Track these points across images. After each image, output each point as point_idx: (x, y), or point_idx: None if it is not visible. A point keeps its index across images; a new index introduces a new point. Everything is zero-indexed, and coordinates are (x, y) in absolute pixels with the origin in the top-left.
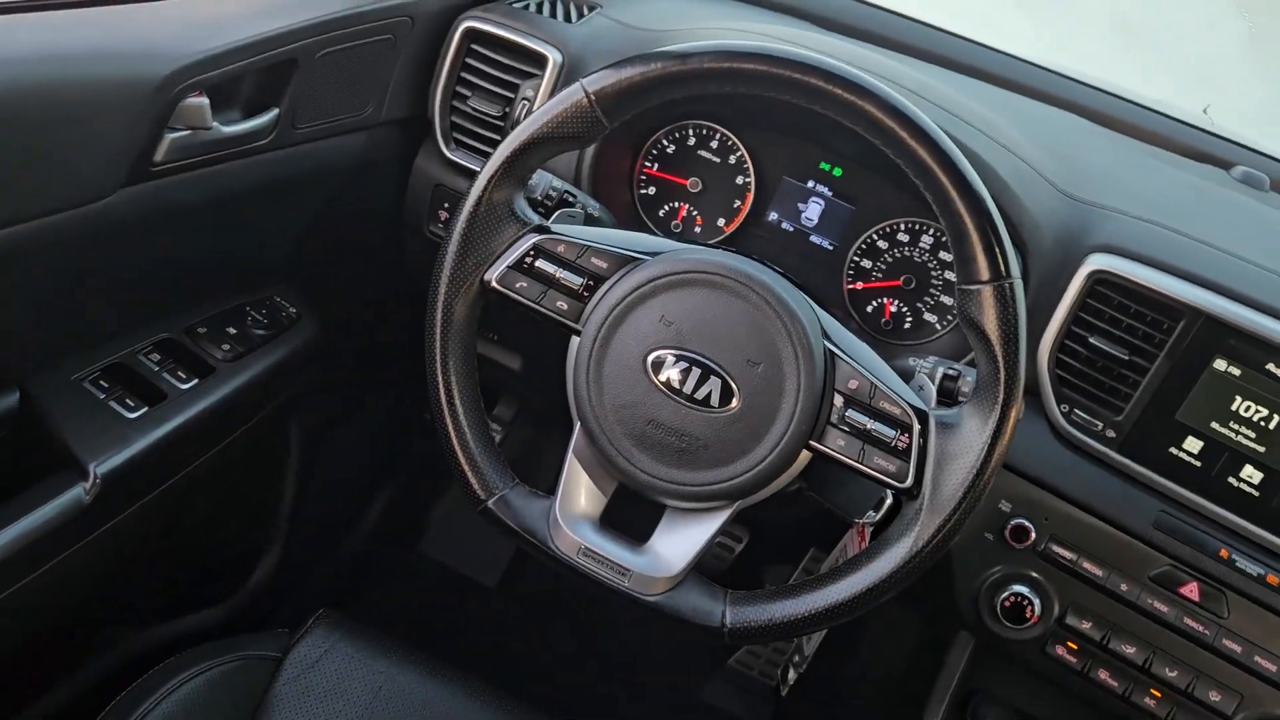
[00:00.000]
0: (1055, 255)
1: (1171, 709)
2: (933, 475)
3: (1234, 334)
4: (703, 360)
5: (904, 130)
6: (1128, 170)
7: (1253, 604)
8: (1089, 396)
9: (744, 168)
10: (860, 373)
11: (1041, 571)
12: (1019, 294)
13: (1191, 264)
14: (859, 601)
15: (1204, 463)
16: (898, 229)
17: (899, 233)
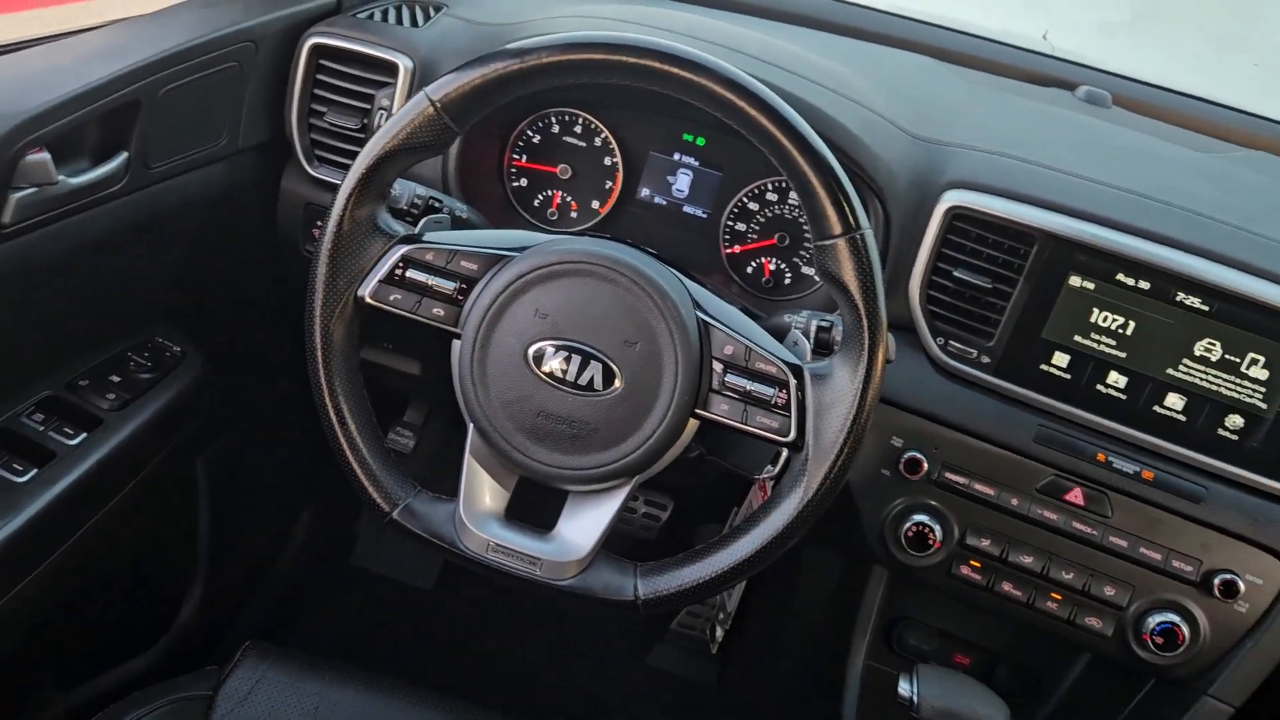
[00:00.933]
0: (913, 197)
1: (1072, 609)
2: (814, 426)
3: (1083, 251)
4: (581, 347)
5: (741, 100)
6: (975, 105)
7: (1132, 500)
8: (961, 327)
9: (610, 149)
10: (735, 338)
11: (938, 499)
12: (870, 244)
13: (1038, 189)
14: (762, 555)
15: (1073, 374)
16: (766, 189)
17: (768, 193)
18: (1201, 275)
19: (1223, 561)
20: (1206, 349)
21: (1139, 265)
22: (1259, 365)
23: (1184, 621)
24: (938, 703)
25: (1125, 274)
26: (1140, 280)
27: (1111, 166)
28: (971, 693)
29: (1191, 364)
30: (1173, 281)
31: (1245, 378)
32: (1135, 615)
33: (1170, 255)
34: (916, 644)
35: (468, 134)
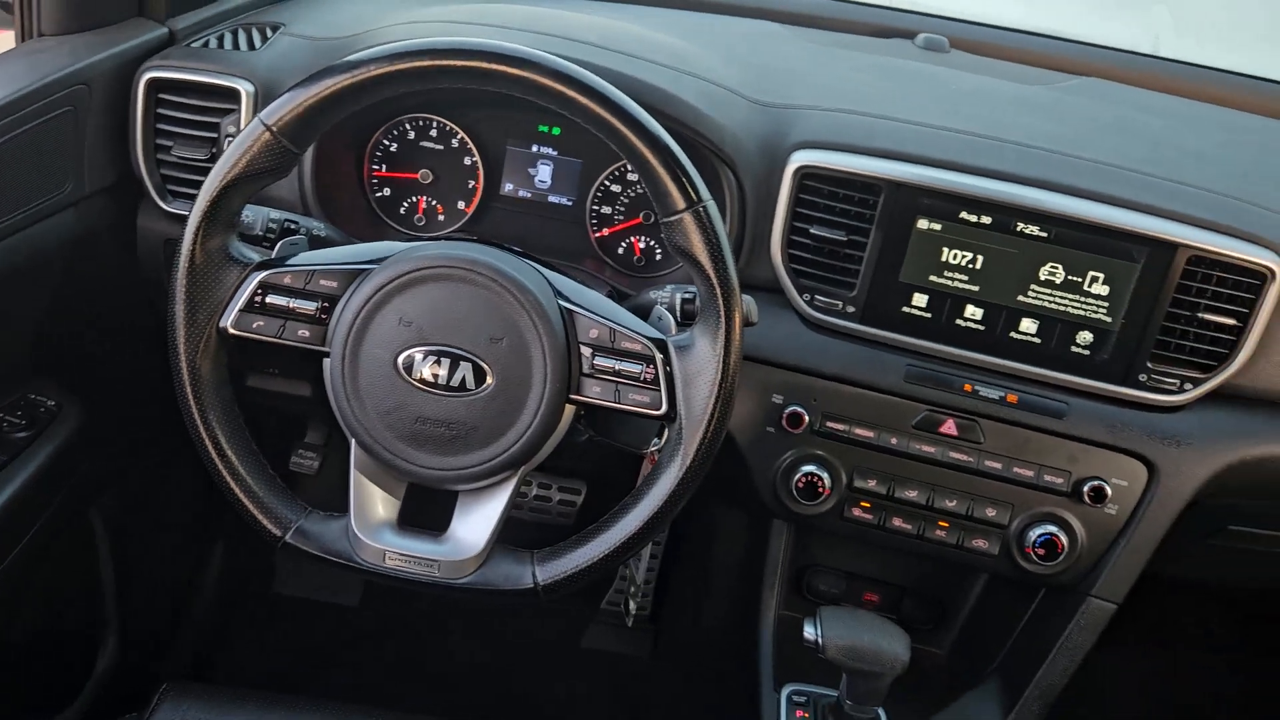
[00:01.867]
0: (763, 162)
1: (959, 534)
2: (684, 396)
3: (926, 195)
4: (449, 349)
5: (570, 90)
6: (817, 66)
7: (1001, 424)
8: (824, 281)
9: (468, 149)
10: (598, 321)
11: (823, 448)
12: (714, 214)
13: (880, 141)
14: (651, 525)
15: (932, 313)
16: (626, 170)
17: (628, 173)
18: (1037, 205)
19: (1090, 470)
20: (1051, 273)
21: (979, 202)
22: (1099, 283)
23: (1061, 531)
24: (841, 641)
25: (968, 212)
26: (982, 216)
27: (948, 110)
28: (873, 626)
29: (1039, 289)
30: (1012, 214)
31: (1089, 296)
32: (1017, 532)
33: (1007, 189)
34: (826, 589)
35: (323, 150)
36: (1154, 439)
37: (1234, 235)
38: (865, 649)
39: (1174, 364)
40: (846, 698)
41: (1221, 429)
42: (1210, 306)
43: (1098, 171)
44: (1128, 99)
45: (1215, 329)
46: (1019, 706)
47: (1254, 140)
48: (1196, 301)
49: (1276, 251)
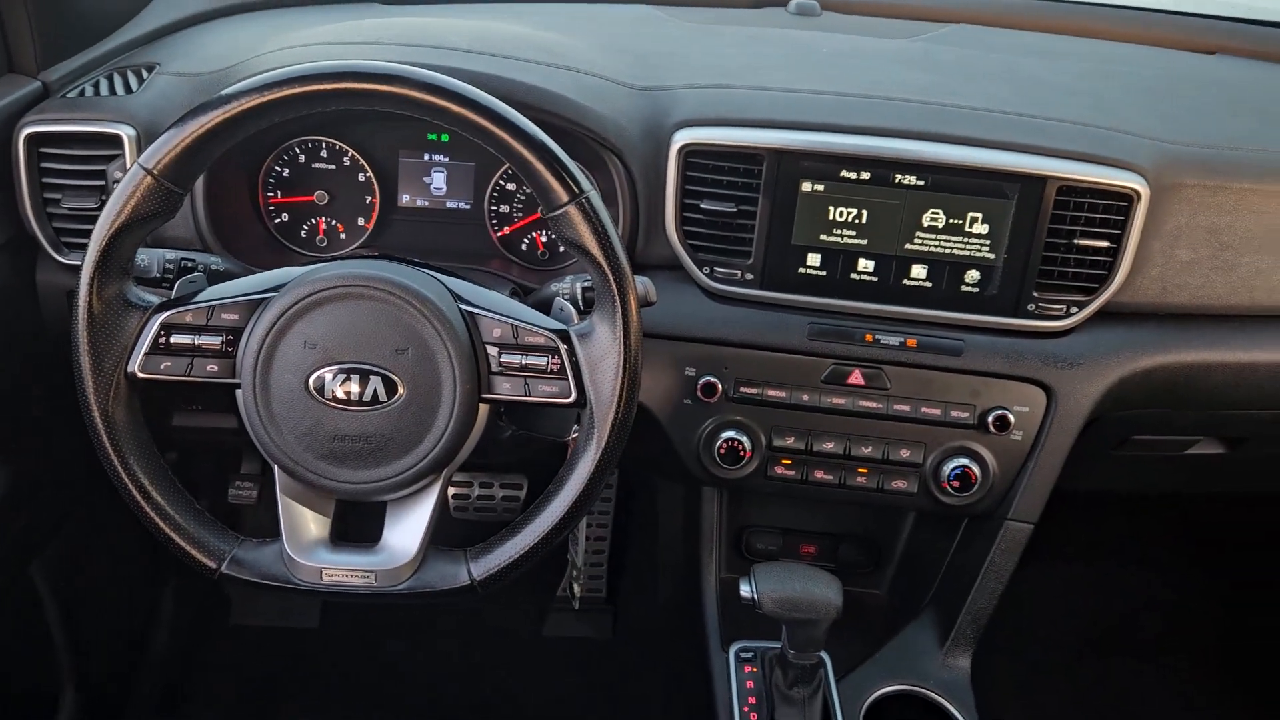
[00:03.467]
0: (648, 145)
1: (879, 478)
2: (591, 381)
3: (806, 158)
4: (357, 366)
5: (441, 100)
6: (693, 44)
7: (904, 368)
8: (721, 253)
9: (360, 165)
10: (500, 320)
11: (739, 413)
12: (597, 204)
13: (757, 111)
14: (576, 509)
15: (827, 270)
16: None
17: None
18: (911, 155)
19: (992, 401)
20: (933, 219)
21: (857, 160)
22: (979, 222)
23: (973, 462)
24: (776, 594)
25: (847, 170)
26: (862, 173)
27: (821, 73)
28: (804, 576)
29: (924, 235)
30: (889, 167)
31: (971, 236)
32: (932, 468)
33: (881, 144)
34: (764, 547)
35: (215, 184)
36: (1048, 364)
37: (1099, 162)
38: (799, 598)
39: (1058, 290)
40: (789, 647)
41: (1110, 346)
42: (1085, 232)
43: (967, 117)
44: (996, 42)
45: (1092, 253)
46: (954, 633)
47: (1120, 69)
48: (1071, 229)
49: (1141, 173)
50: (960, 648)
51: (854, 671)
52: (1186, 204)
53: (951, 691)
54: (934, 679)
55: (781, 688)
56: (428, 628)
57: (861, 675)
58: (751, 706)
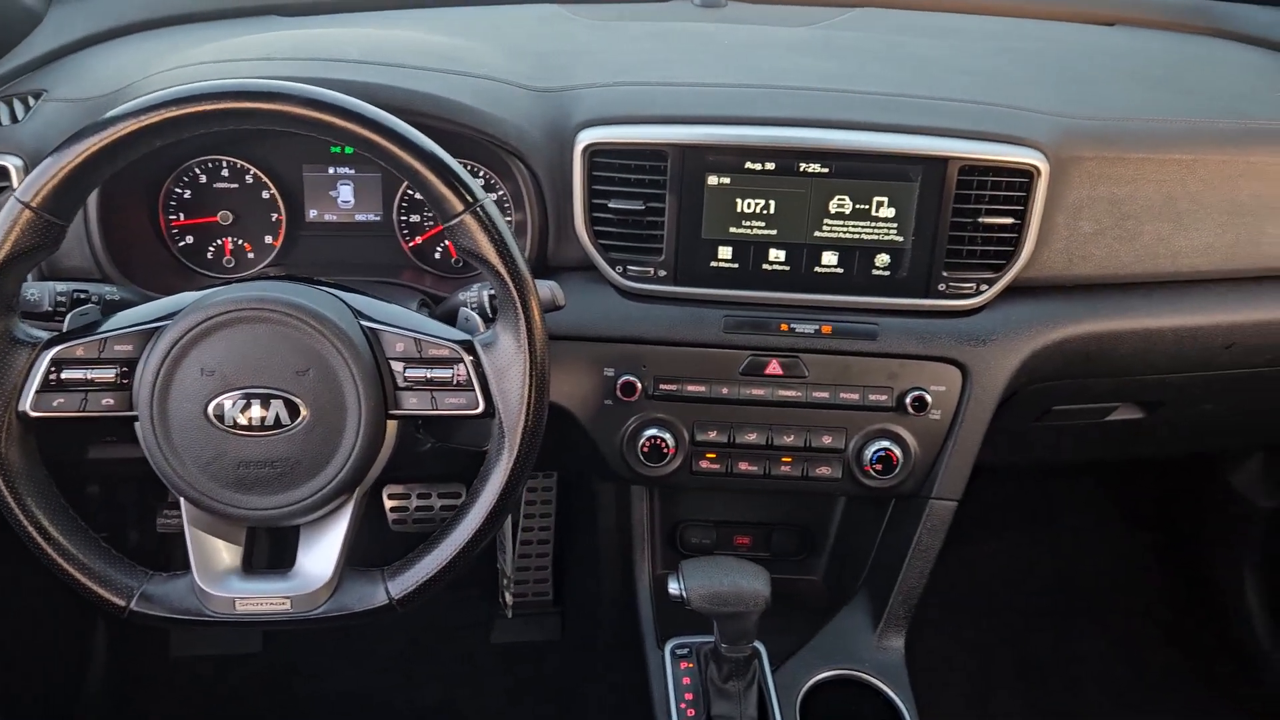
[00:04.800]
0: (552, 147)
1: (803, 466)
2: (498, 391)
3: (710, 151)
4: (256, 390)
5: (326, 116)
6: (596, 42)
7: (821, 355)
8: (632, 251)
9: (262, 182)
10: (403, 334)
11: (660, 410)
12: (492, 211)
13: (659, 107)
14: (492, 519)
15: (739, 262)
16: None
17: None
18: (814, 144)
19: (909, 382)
20: (839, 205)
21: (760, 151)
22: (885, 206)
23: (894, 444)
24: (703, 590)
25: (752, 161)
26: (766, 163)
27: (724, 65)
28: (731, 569)
29: (832, 222)
30: (792, 156)
31: (878, 220)
32: (854, 453)
33: (783, 134)
34: (698, 541)
35: (111, 210)
36: (961, 342)
37: (998, 140)
38: (726, 592)
39: (967, 269)
40: (721, 641)
41: (1020, 321)
42: (989, 210)
43: (867, 102)
44: (897, 24)
45: (997, 230)
46: (886, 614)
47: (1019, 45)
48: (976, 208)
49: (1039, 149)
50: (893, 628)
51: (790, 659)
52: (1087, 177)
53: (886, 672)
54: (869, 661)
55: (716, 682)
56: (374, 643)
57: (797, 663)
58: (689, 703)
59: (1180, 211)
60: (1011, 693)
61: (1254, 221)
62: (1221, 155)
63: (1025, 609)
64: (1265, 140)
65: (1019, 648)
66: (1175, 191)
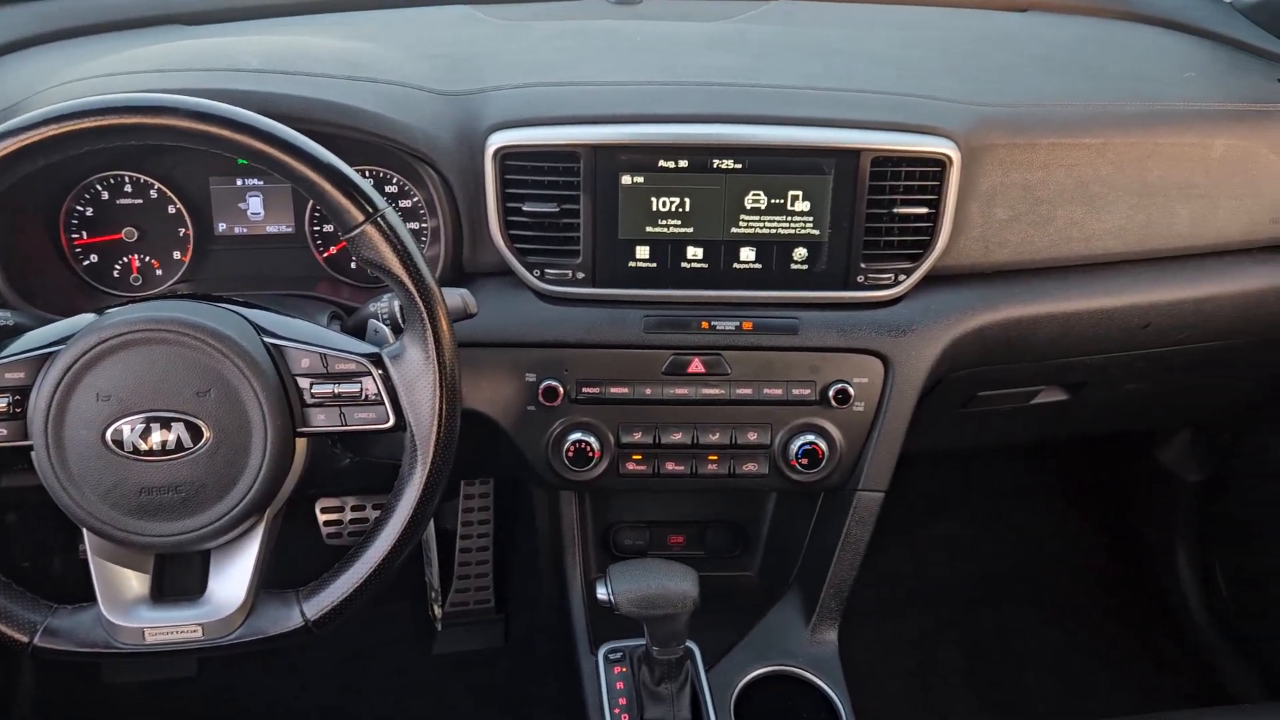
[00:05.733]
0: (463, 151)
1: (729, 463)
2: (408, 404)
3: (622, 151)
4: (156, 414)
5: (214, 129)
6: (506, 43)
7: (743, 351)
8: (549, 254)
9: (167, 197)
10: (308, 349)
11: (584, 413)
12: (393, 220)
13: (569, 108)
14: (407, 535)
15: (657, 262)
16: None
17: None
18: (726, 140)
19: (832, 375)
20: (755, 201)
21: (673, 148)
22: (800, 199)
23: (819, 438)
24: (631, 594)
25: (665, 159)
26: (679, 161)
27: (636, 64)
28: (658, 571)
29: (748, 218)
30: (705, 153)
31: (794, 214)
32: (780, 448)
33: (695, 131)
34: (631, 542)
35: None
36: (882, 333)
37: (909, 130)
38: (654, 595)
39: (884, 260)
40: (652, 644)
41: (940, 309)
42: (904, 200)
43: (778, 96)
44: (809, 16)
45: (913, 220)
46: (818, 608)
47: (930, 34)
48: (891, 198)
49: (951, 138)
50: (826, 622)
51: (724, 658)
52: (999, 164)
53: (820, 666)
54: (802, 656)
55: (649, 685)
56: (315, 660)
57: (731, 661)
58: (622, 707)
59: (1092, 195)
60: (954, 677)
61: (1164, 202)
62: (1130, 138)
63: (965, 593)
64: (1171, 122)
65: (961, 632)
66: (1086, 175)
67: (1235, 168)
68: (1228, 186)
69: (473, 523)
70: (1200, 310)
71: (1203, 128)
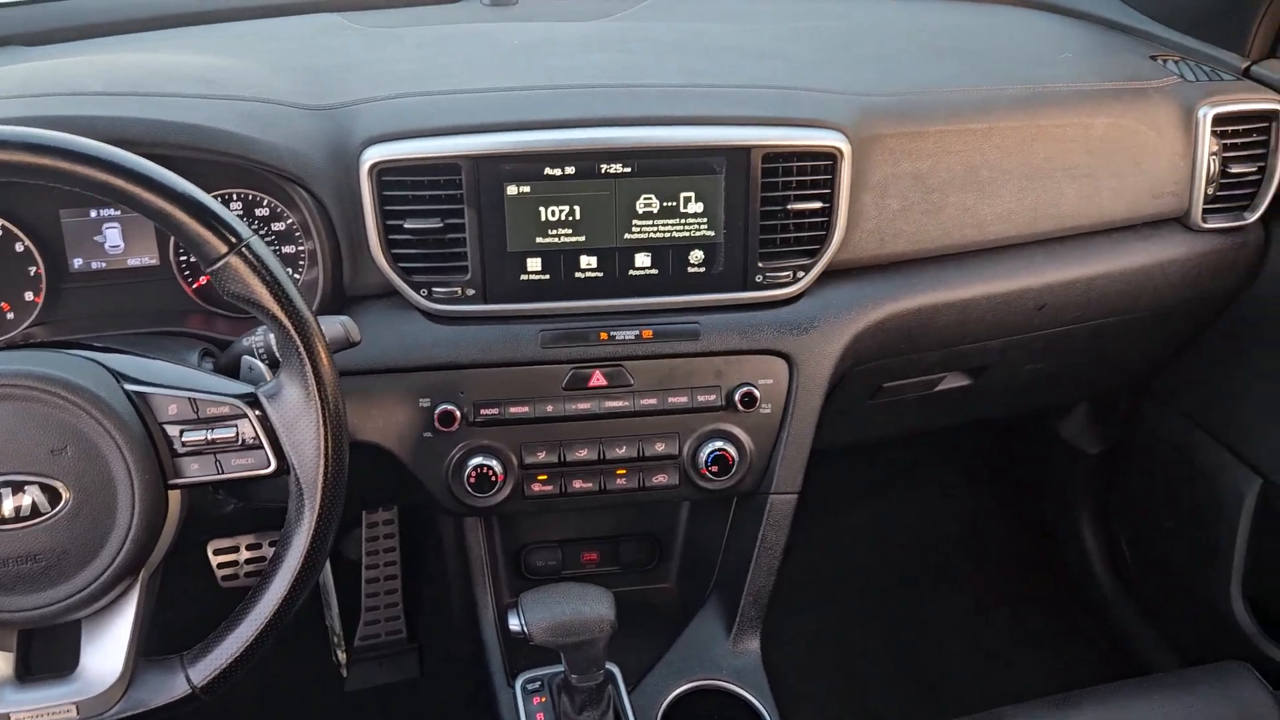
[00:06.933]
0: (336, 168)
1: (638, 476)
2: (290, 446)
3: (505, 160)
4: (5, 478)
5: (56, 162)
6: (376, 51)
7: (644, 361)
8: (435, 271)
9: (13, 234)
10: (174, 394)
11: (484, 436)
12: (260, 249)
13: (445, 118)
14: (299, 584)
15: (550, 273)
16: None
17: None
18: (612, 143)
19: (736, 379)
20: (647, 205)
21: (558, 155)
22: (693, 201)
23: (728, 444)
24: (545, 623)
25: (551, 167)
26: (566, 168)
27: (515, 68)
28: (572, 597)
29: (640, 223)
30: (592, 158)
31: (687, 216)
32: (689, 456)
33: (580, 135)
34: (543, 564)
35: None
36: (784, 332)
37: (798, 125)
38: (570, 622)
39: (782, 257)
40: (570, 672)
41: (840, 304)
42: (797, 196)
43: (664, 95)
44: (692, 11)
45: (808, 215)
46: (739, 617)
47: (816, 25)
48: (784, 195)
49: (840, 130)
50: (747, 631)
51: (647, 675)
52: (889, 154)
53: (743, 677)
54: (726, 668)
55: (571, 714)
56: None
57: (655, 679)
58: None
59: (982, 180)
60: (876, 666)
61: (1051, 184)
62: (1014, 122)
63: (882, 581)
64: (1053, 103)
65: (880, 620)
66: (975, 161)
67: (1116, 146)
68: (1110, 165)
69: (378, 551)
70: (1091, 289)
71: (1083, 108)
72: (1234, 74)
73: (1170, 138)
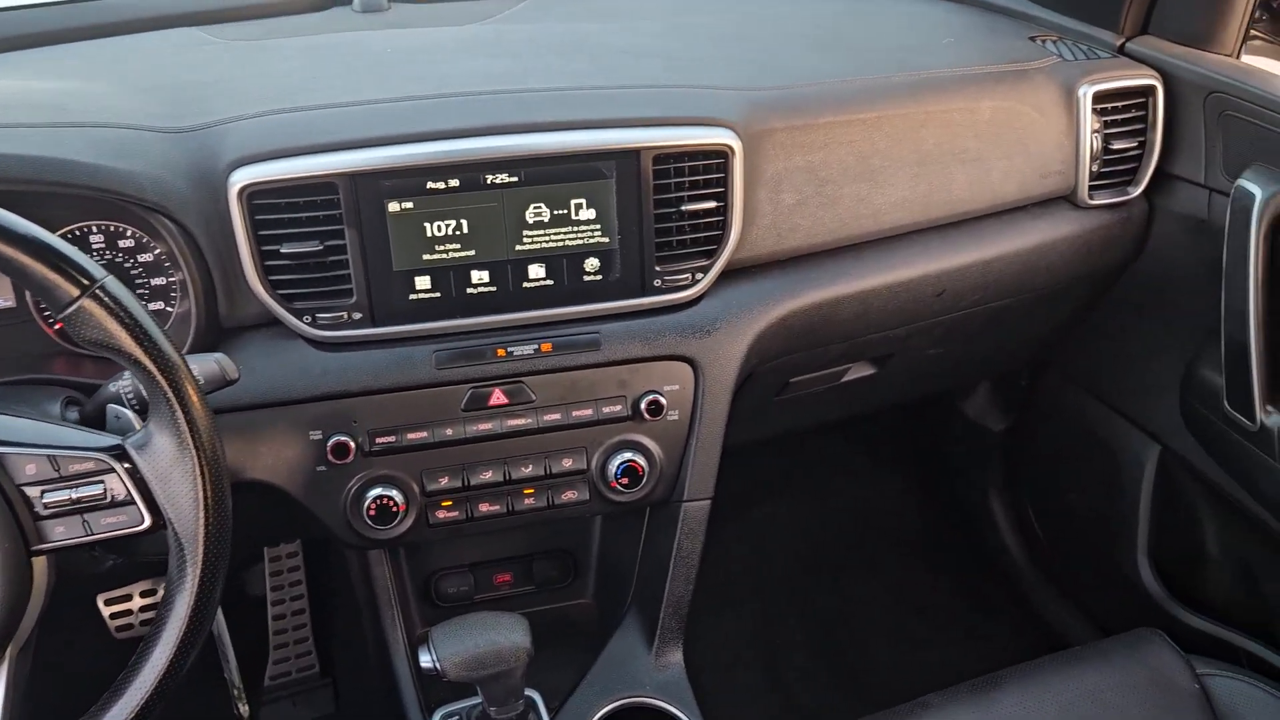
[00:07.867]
0: (203, 194)
1: (547, 494)
2: (166, 498)
3: (384, 176)
4: None
5: None
6: (239, 66)
7: (545, 375)
8: (318, 296)
9: None
10: (30, 453)
11: (382, 466)
12: (117, 290)
13: (318, 135)
14: (187, 645)
15: (440, 291)
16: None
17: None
18: (495, 153)
19: (641, 387)
20: (537, 214)
21: (439, 168)
22: (585, 207)
23: (637, 454)
24: (458, 657)
25: (433, 181)
26: (449, 180)
27: (389, 78)
28: (485, 627)
29: (532, 233)
30: (476, 169)
31: (580, 224)
32: (598, 470)
33: (461, 146)
34: (455, 589)
35: None
36: (686, 336)
37: (686, 124)
38: (484, 655)
39: (679, 260)
40: (489, 705)
41: (741, 304)
42: (690, 196)
43: (546, 100)
44: (571, 10)
45: (703, 215)
46: (659, 629)
47: (697, 21)
48: (677, 196)
49: (729, 127)
50: (669, 642)
51: (570, 698)
52: (780, 148)
53: (668, 691)
54: (650, 683)
55: None
56: None
57: (577, 701)
58: None
59: (874, 170)
60: (799, 659)
61: (941, 169)
62: (902, 109)
63: (799, 573)
64: (939, 89)
65: (800, 613)
66: (866, 150)
67: (1003, 128)
68: (998, 147)
69: (283, 585)
70: (988, 271)
71: (969, 92)
72: (1110, 51)
73: (1053, 117)
